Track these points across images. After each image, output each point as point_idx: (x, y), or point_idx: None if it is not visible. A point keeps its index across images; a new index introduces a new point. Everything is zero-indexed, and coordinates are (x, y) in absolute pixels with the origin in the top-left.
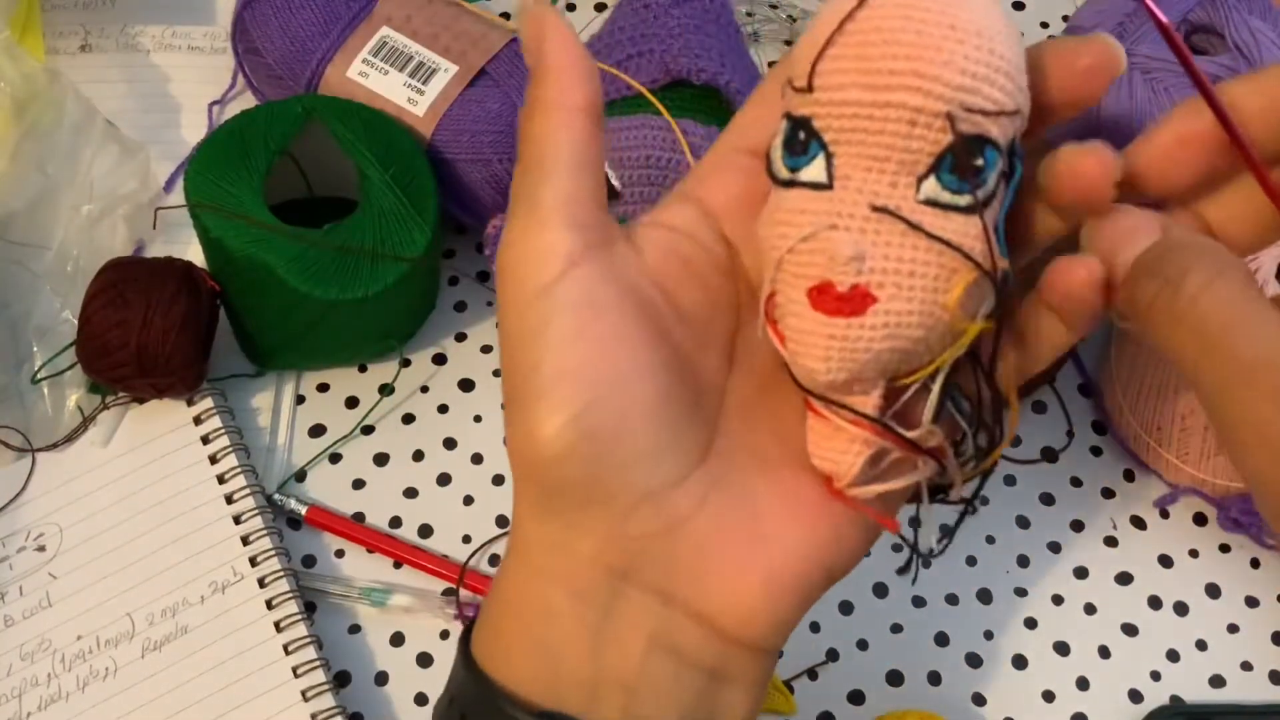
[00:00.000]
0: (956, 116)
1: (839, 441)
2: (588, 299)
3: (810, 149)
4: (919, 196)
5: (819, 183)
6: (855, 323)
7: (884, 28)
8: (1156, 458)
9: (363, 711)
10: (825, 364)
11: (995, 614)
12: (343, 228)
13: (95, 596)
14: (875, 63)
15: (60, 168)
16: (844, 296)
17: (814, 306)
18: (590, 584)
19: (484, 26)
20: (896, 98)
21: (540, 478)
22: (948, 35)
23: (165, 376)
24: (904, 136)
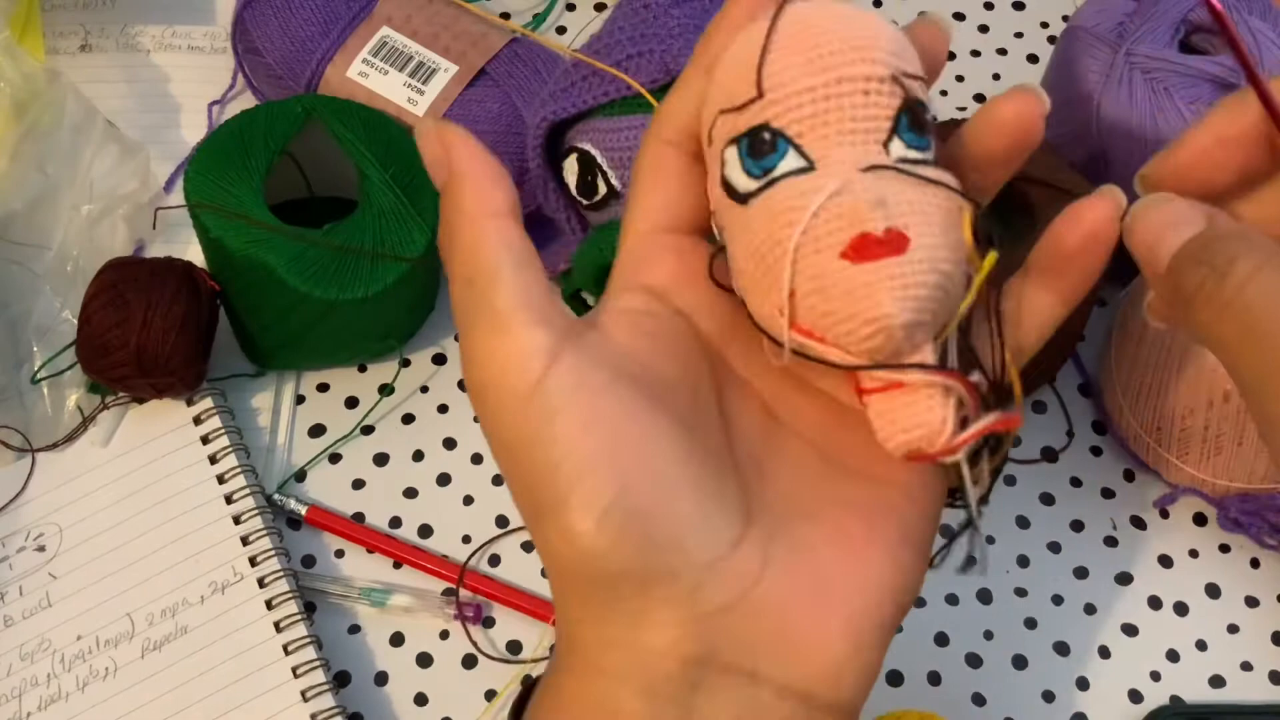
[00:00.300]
0: (900, 78)
1: (917, 407)
2: (583, 385)
3: (778, 146)
4: (890, 159)
5: (801, 167)
6: (903, 259)
7: (810, 24)
8: (1157, 458)
9: (362, 711)
10: (894, 305)
11: (995, 614)
12: (343, 228)
13: (95, 596)
14: (815, 50)
15: (60, 168)
16: (883, 240)
17: (858, 260)
18: (665, 678)
19: (484, 26)
20: (846, 72)
21: (593, 575)
22: (865, 20)
23: (165, 376)
24: (862, 106)
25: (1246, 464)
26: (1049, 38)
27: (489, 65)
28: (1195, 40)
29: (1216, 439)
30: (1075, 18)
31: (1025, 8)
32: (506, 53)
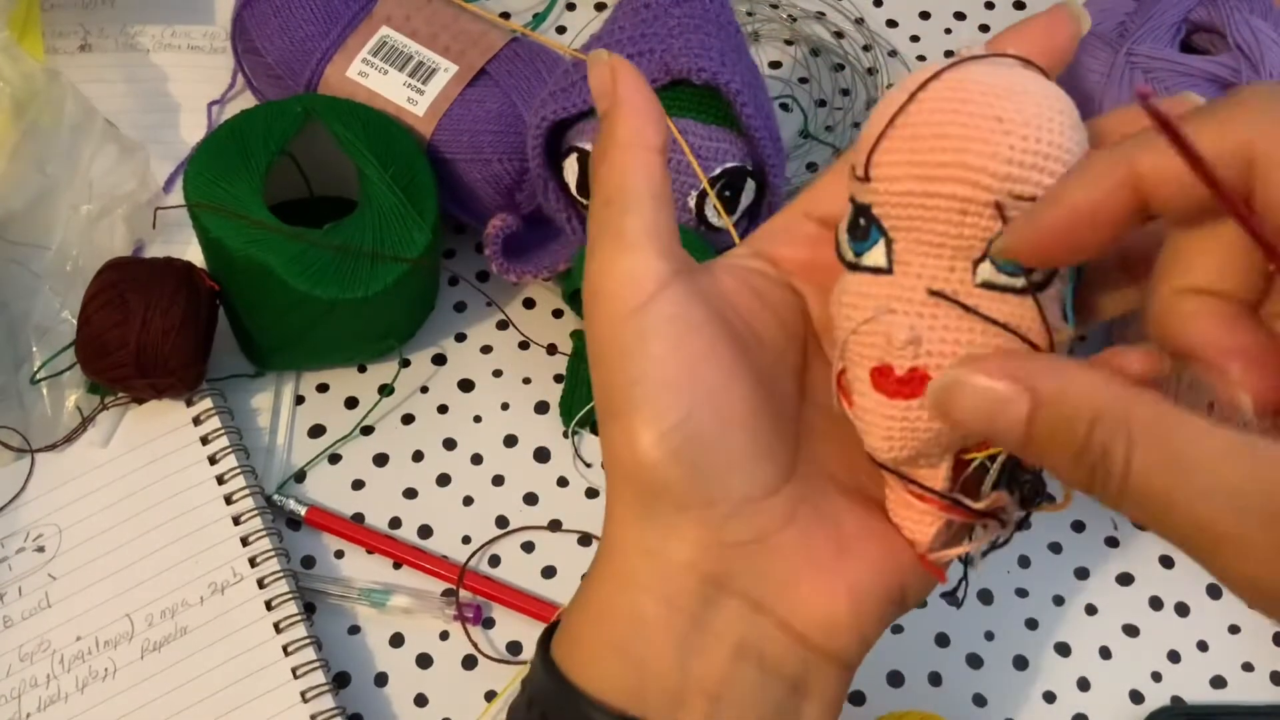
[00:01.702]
0: (1005, 205)
1: (912, 512)
2: (682, 316)
3: (871, 235)
4: (975, 280)
5: (879, 267)
6: (914, 404)
7: (933, 121)
8: None
9: (362, 712)
10: (887, 443)
11: (996, 614)
12: (342, 228)
13: (94, 597)
14: (925, 155)
15: (60, 168)
16: (902, 379)
17: (875, 388)
18: (682, 591)
19: (484, 26)
20: (946, 189)
21: (642, 482)
22: (994, 128)
23: (164, 376)
24: (956, 224)
25: None
26: None
27: (489, 65)
28: (1196, 40)
29: None
30: None
31: (1026, 7)
32: (506, 52)
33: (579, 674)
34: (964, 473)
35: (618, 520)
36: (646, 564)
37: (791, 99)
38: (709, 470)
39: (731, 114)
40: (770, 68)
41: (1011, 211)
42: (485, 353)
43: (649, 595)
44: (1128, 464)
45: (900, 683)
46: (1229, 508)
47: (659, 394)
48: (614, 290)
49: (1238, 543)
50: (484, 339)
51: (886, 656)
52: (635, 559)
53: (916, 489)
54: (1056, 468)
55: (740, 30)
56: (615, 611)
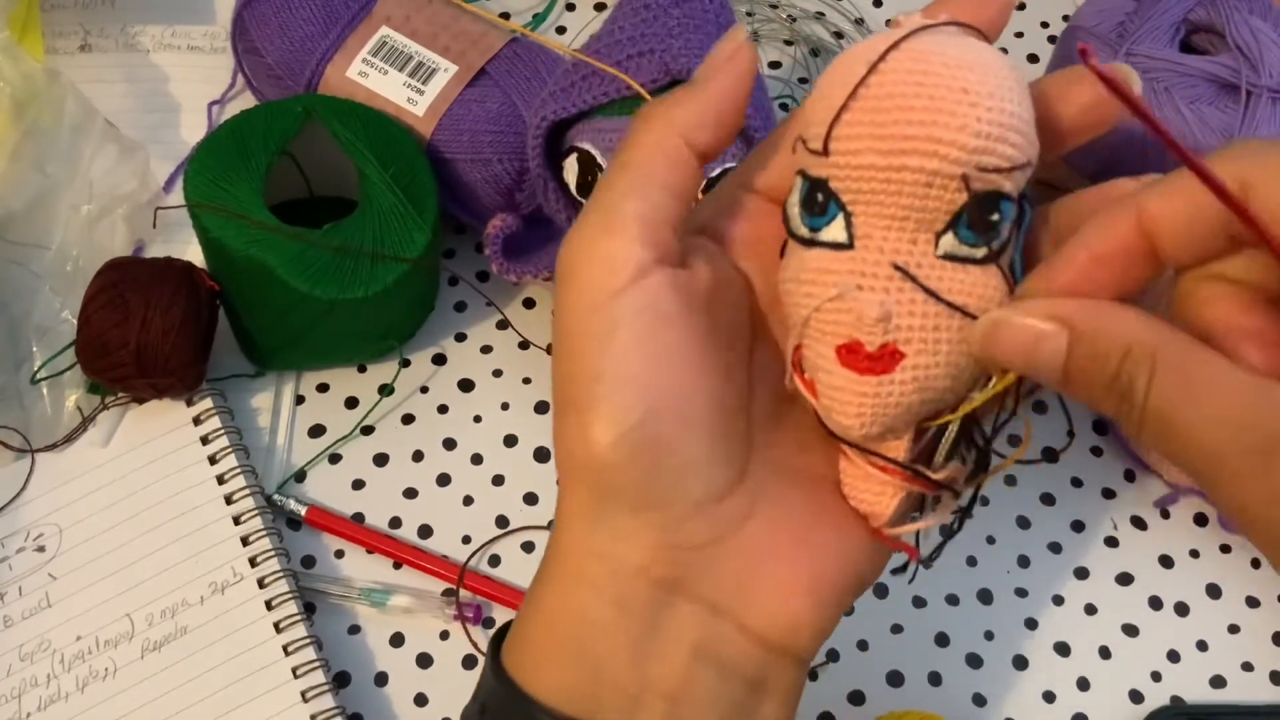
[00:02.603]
0: (971, 177)
1: (872, 485)
2: (654, 309)
3: (829, 210)
4: (938, 252)
5: (840, 243)
6: (885, 379)
7: (896, 93)
8: (1157, 458)
9: (362, 712)
10: (859, 420)
11: (996, 614)
12: (343, 228)
13: (95, 597)
14: (890, 128)
15: (60, 168)
16: (874, 356)
17: (843, 365)
18: (635, 595)
19: (484, 26)
20: (913, 162)
21: (595, 482)
22: (960, 99)
23: (165, 376)
24: (920, 197)
25: None
26: (1049, 37)
27: (489, 65)
28: (1195, 40)
29: None
30: (1075, 18)
31: (1025, 8)
32: (506, 53)
33: (530, 679)
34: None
35: (567, 518)
36: (597, 566)
37: (791, 99)
38: (667, 472)
39: None
40: (770, 68)
41: (976, 184)
42: (485, 353)
43: (600, 598)
44: (1148, 392)
45: (900, 683)
46: (1232, 436)
47: (621, 390)
48: (588, 273)
49: (1235, 470)
50: (484, 339)
51: (886, 656)
52: (585, 561)
53: (880, 461)
54: (1089, 396)
55: None
56: (565, 614)
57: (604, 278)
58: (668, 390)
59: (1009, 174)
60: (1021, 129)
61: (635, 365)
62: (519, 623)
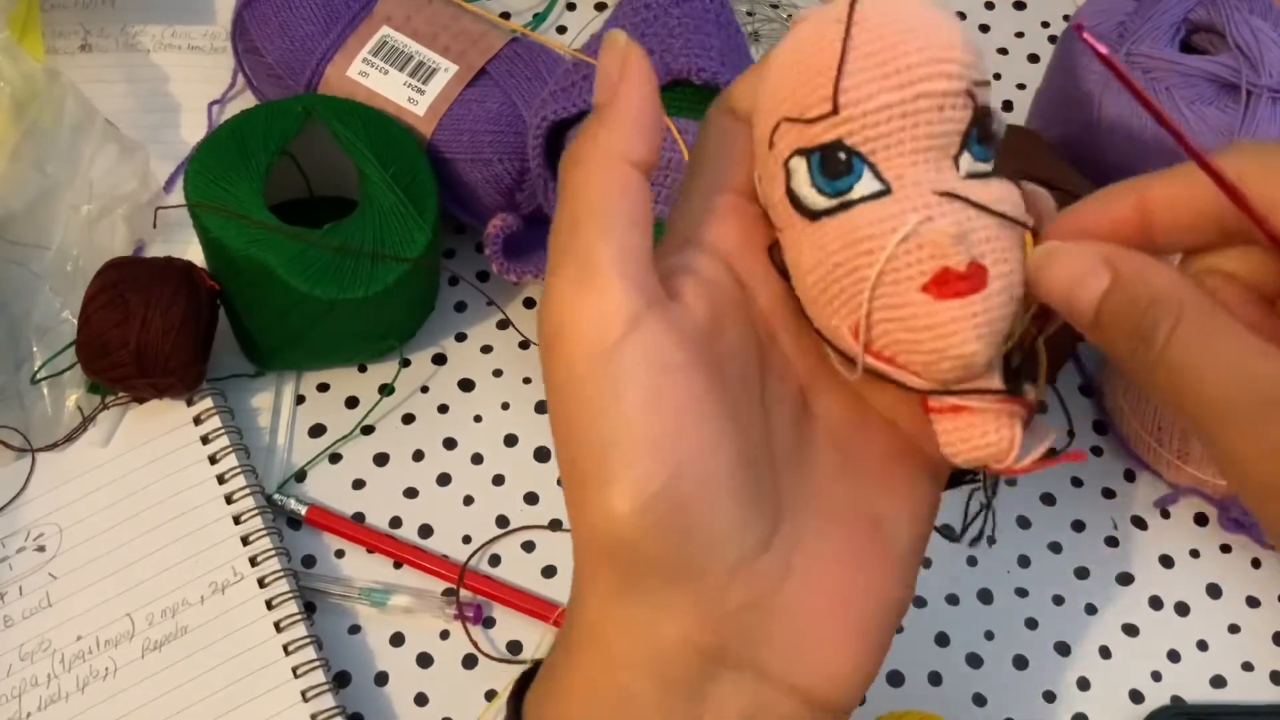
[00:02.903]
0: (973, 91)
1: (986, 428)
2: (658, 362)
3: (854, 166)
4: (960, 174)
5: (878, 191)
6: (983, 295)
7: (887, 33)
8: (1157, 458)
9: (363, 712)
10: (978, 343)
11: (996, 614)
12: (343, 228)
13: (95, 596)
14: (894, 64)
15: (60, 168)
16: (965, 275)
17: (940, 298)
18: (679, 669)
19: (484, 26)
20: (925, 87)
21: (622, 558)
22: (941, 22)
23: (165, 376)
24: (937, 123)
25: None
26: (1050, 37)
27: (489, 65)
28: (1195, 40)
29: None
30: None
31: (1026, 7)
32: (506, 52)
33: None
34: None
35: (595, 596)
36: (635, 642)
37: None
38: (699, 538)
39: None
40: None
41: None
42: (485, 352)
43: (640, 675)
44: (1169, 337)
45: (900, 682)
46: (1240, 387)
47: (638, 457)
48: (577, 332)
49: (1237, 421)
50: (484, 339)
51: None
52: (621, 638)
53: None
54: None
55: (740, 30)
56: (603, 694)
57: (596, 334)
58: (687, 449)
59: (986, 87)
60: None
61: (649, 427)
62: (547, 691)
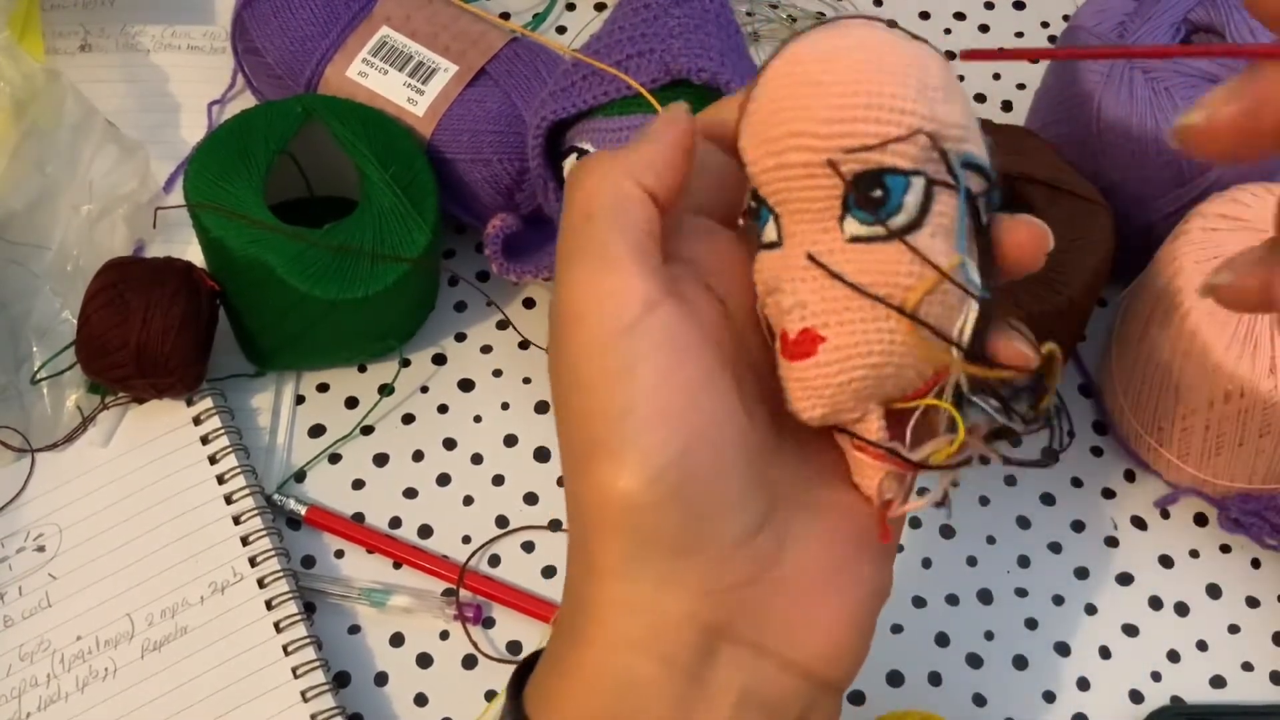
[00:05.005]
0: (837, 160)
1: (862, 468)
2: (673, 339)
3: (761, 215)
4: (845, 236)
5: (772, 242)
6: (810, 363)
7: (767, 96)
8: (1157, 458)
9: (362, 712)
10: (800, 404)
11: (996, 614)
12: (343, 228)
13: (95, 597)
14: (768, 130)
15: (60, 168)
16: (796, 341)
17: (782, 354)
18: (681, 646)
19: (484, 26)
20: (786, 158)
21: (631, 528)
22: (811, 92)
23: (165, 376)
24: (809, 188)
25: (1247, 464)
26: (1049, 37)
27: (489, 65)
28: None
29: (1217, 439)
30: (1075, 17)
31: (1025, 7)
32: (506, 53)
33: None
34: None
35: (597, 573)
36: (638, 621)
37: None
38: (706, 511)
39: None
40: None
41: (847, 165)
42: (485, 353)
43: (643, 656)
44: None
45: (900, 682)
46: None
47: (653, 427)
48: (597, 310)
49: None
50: (484, 339)
51: (886, 656)
52: (624, 617)
53: (857, 441)
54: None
55: (740, 30)
56: (605, 678)
57: (615, 313)
58: (698, 424)
59: (884, 149)
60: (891, 103)
61: (663, 399)
62: (545, 676)
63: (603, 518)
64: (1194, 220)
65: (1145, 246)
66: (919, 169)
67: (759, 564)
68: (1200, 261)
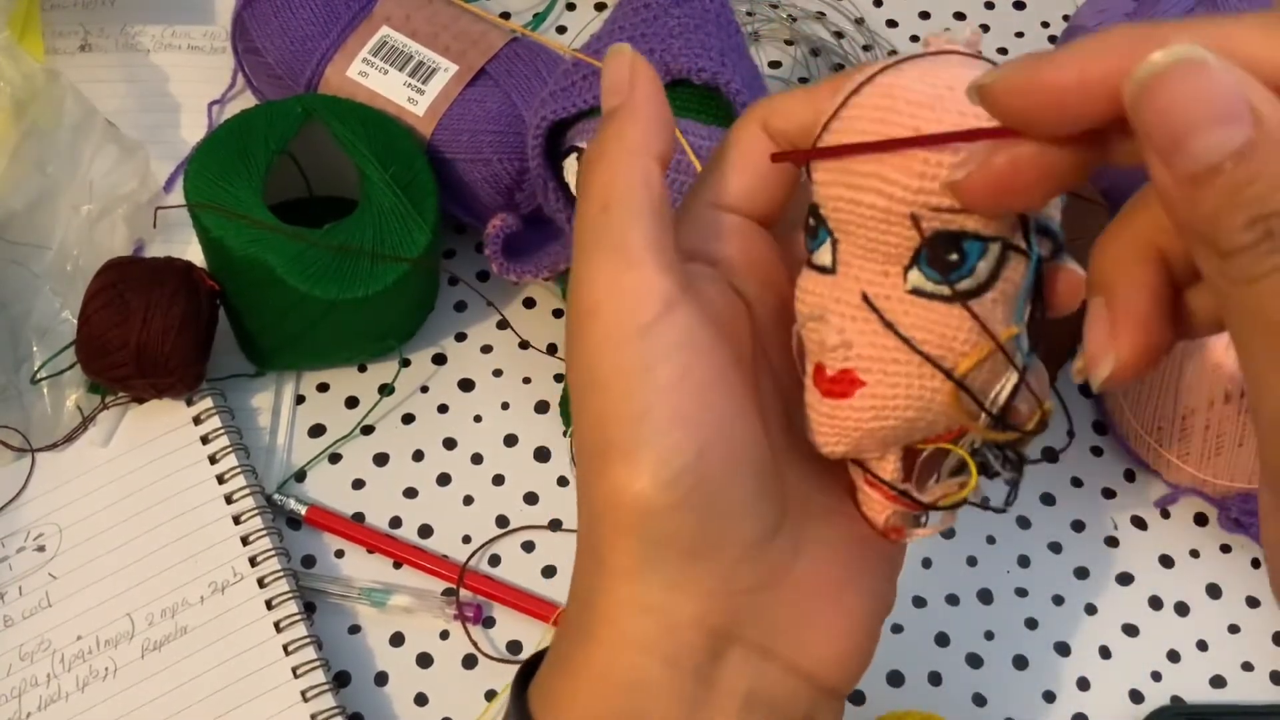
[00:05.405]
0: (921, 216)
1: (870, 500)
2: (690, 342)
3: (819, 235)
4: (906, 286)
5: (825, 266)
6: (844, 404)
7: (857, 129)
8: (1157, 458)
9: (362, 712)
10: (822, 438)
11: (996, 614)
12: (343, 228)
13: (95, 596)
14: (850, 163)
15: (60, 168)
16: (834, 379)
17: (815, 384)
18: (690, 649)
19: (484, 26)
20: (867, 199)
21: (647, 530)
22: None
23: (165, 376)
24: (882, 232)
25: (1247, 464)
26: (1050, 37)
27: (489, 65)
28: None
29: (1217, 439)
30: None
31: (1026, 7)
32: (506, 52)
33: None
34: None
35: (608, 574)
36: (648, 622)
37: None
38: (720, 515)
39: (732, 114)
40: (770, 68)
41: (928, 223)
42: (485, 352)
43: (651, 656)
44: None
45: (900, 683)
46: None
47: (669, 430)
48: (615, 308)
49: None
50: (484, 339)
51: (886, 656)
52: (634, 618)
53: (869, 477)
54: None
55: (740, 30)
56: (613, 678)
57: (634, 311)
58: (714, 427)
59: (969, 214)
60: None
61: (681, 401)
62: (551, 677)
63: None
64: None
65: None
66: (998, 235)
67: (770, 569)
68: None
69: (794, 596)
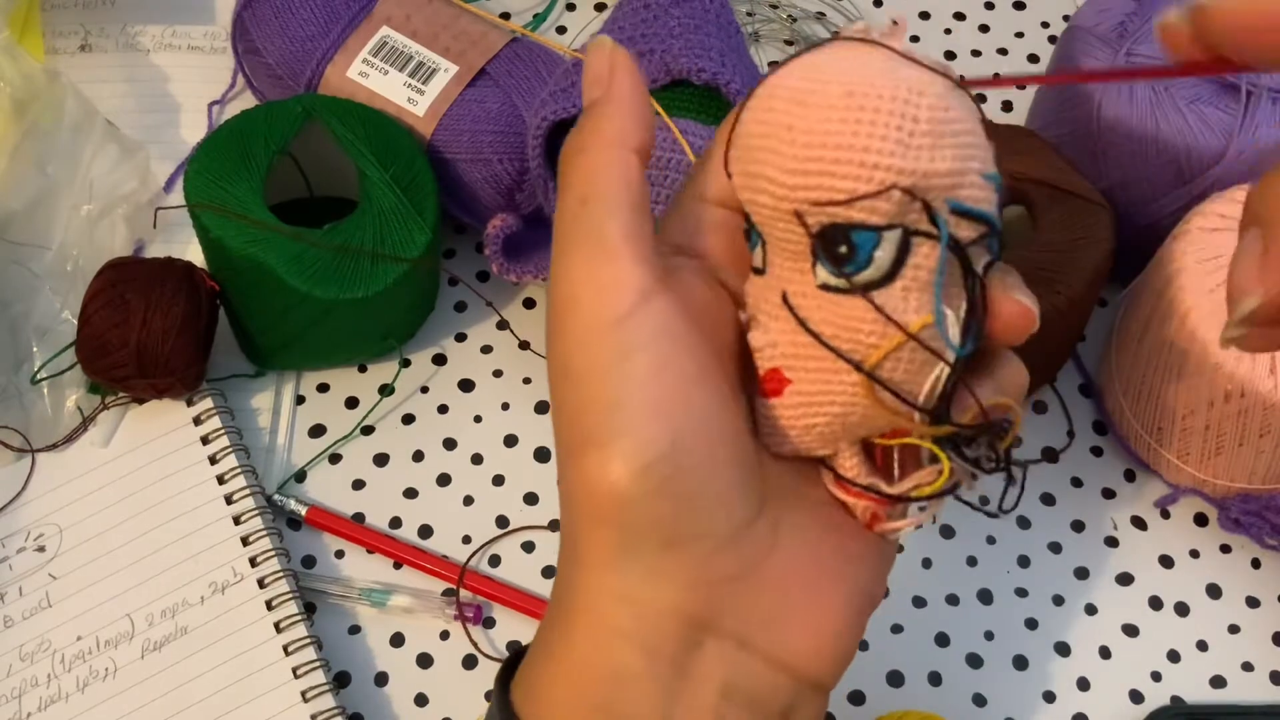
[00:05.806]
0: (804, 213)
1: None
2: (667, 332)
3: (752, 238)
4: (817, 282)
5: (758, 268)
6: (776, 403)
7: (747, 131)
8: (1157, 458)
9: (363, 712)
10: (765, 437)
11: (996, 614)
12: (343, 228)
13: (95, 597)
14: (744, 165)
15: (60, 168)
16: (765, 378)
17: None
18: (667, 638)
19: (484, 26)
20: (760, 199)
21: (622, 520)
22: (783, 137)
23: (165, 376)
24: (783, 231)
25: (1247, 464)
26: (1049, 37)
27: (489, 65)
28: None
29: (1217, 439)
30: (1076, 18)
31: (1026, 8)
32: (506, 53)
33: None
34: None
35: (586, 564)
36: (624, 611)
37: None
38: (697, 504)
39: None
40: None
41: (814, 218)
42: (485, 353)
43: (628, 646)
44: None
45: (900, 682)
46: None
47: (643, 420)
48: (591, 300)
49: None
50: (484, 339)
51: (886, 656)
52: (612, 607)
53: (833, 475)
54: None
55: (740, 30)
56: (591, 667)
57: (610, 302)
58: (690, 417)
59: (852, 205)
60: (864, 156)
61: (655, 391)
62: (532, 668)
63: (592, 509)
64: (1194, 220)
65: (1145, 246)
66: (894, 222)
67: (747, 559)
68: (1200, 261)
69: (771, 586)
